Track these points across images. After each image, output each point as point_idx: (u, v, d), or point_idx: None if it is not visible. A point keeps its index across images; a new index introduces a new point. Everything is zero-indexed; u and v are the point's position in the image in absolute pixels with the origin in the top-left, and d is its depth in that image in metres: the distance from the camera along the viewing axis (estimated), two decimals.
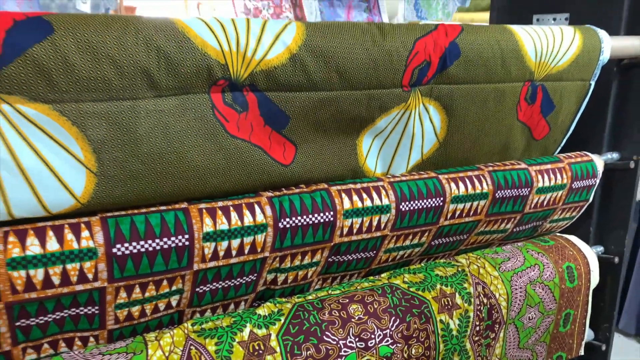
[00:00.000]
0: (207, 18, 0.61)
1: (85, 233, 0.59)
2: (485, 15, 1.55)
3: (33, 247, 0.57)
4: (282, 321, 0.74)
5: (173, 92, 0.60)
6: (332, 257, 0.80)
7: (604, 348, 1.19)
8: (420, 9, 1.28)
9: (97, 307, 0.64)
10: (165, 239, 0.63)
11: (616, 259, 1.14)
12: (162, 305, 0.70)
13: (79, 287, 0.61)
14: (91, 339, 0.68)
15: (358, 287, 0.84)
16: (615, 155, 1.08)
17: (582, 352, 1.08)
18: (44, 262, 0.57)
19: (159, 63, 0.58)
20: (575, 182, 1.01)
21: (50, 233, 0.58)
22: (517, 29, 0.85)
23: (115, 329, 0.69)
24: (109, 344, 0.68)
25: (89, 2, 1.52)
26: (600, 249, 1.14)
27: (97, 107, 0.56)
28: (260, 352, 0.71)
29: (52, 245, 0.58)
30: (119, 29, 0.56)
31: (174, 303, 0.71)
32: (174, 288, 0.68)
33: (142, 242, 0.62)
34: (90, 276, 0.60)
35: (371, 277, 0.88)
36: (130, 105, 0.57)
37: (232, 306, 0.78)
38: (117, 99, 0.57)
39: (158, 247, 0.63)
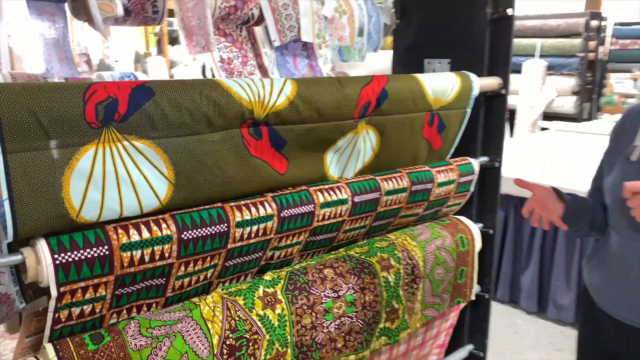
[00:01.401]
0: (238, 80, 0.94)
1: (164, 225, 0.89)
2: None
3: (134, 235, 0.85)
4: (282, 283, 1.07)
5: (220, 128, 0.92)
6: (310, 237, 1.14)
7: (487, 296, 1.65)
8: (343, 54, 1.67)
9: (164, 279, 0.93)
10: (213, 227, 0.94)
11: (490, 231, 1.61)
12: (202, 276, 1.00)
13: (160, 263, 0.89)
14: (153, 305, 0.96)
15: (327, 259, 1.19)
16: (485, 159, 1.55)
17: (473, 298, 1.52)
18: (141, 246, 0.86)
19: (214, 110, 0.89)
20: (461, 178, 1.45)
21: (142, 226, 0.87)
22: (420, 77, 1.27)
23: (169, 297, 0.97)
24: (167, 307, 0.97)
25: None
26: (480, 225, 1.59)
27: (178, 140, 0.86)
28: (272, 302, 1.03)
29: (145, 234, 0.86)
30: (192, 90, 0.87)
31: (209, 275, 1.01)
32: (212, 263, 0.98)
33: (198, 230, 0.92)
34: (167, 255, 0.89)
35: (333, 252, 1.24)
36: (197, 138, 0.88)
37: (242, 278, 1.10)
38: (190, 134, 0.87)
39: (208, 233, 0.94)
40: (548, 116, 6.43)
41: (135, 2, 1.13)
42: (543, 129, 5.84)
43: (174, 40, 8.47)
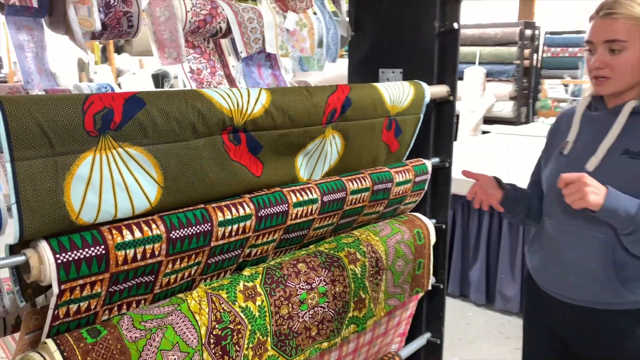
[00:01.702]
0: (219, 90, 1.02)
1: (154, 225, 0.96)
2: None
3: (127, 235, 0.92)
4: (260, 277, 1.16)
5: (204, 135, 1.00)
6: (284, 235, 1.23)
7: (442, 287, 1.79)
8: (303, 64, 1.77)
9: (153, 276, 1.00)
10: (197, 226, 1.01)
11: (443, 226, 1.75)
12: (187, 273, 1.07)
13: (150, 261, 0.96)
14: (142, 302, 1.03)
15: (299, 254, 1.29)
16: (437, 160, 1.69)
17: (430, 288, 1.65)
18: (134, 245, 0.92)
19: (198, 118, 0.97)
20: (417, 178, 1.58)
21: (134, 227, 0.93)
22: (379, 86, 1.39)
23: (157, 293, 1.04)
24: (156, 303, 1.03)
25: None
26: (434, 220, 1.73)
27: (167, 146, 0.94)
28: (252, 295, 1.12)
29: (137, 234, 0.93)
30: (179, 100, 0.94)
31: (193, 272, 1.08)
32: (197, 260, 1.06)
33: (184, 229, 1.00)
34: (156, 253, 0.96)
35: (304, 248, 1.33)
36: (183, 144, 0.96)
37: (222, 275, 1.17)
38: (177, 141, 0.95)
39: (193, 232, 1.01)
40: (488, 120, 6.79)
41: (112, 17, 1.19)
42: (484, 132, 6.16)
43: (119, 49, 8.34)
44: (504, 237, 3.03)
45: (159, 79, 6.66)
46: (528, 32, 7.26)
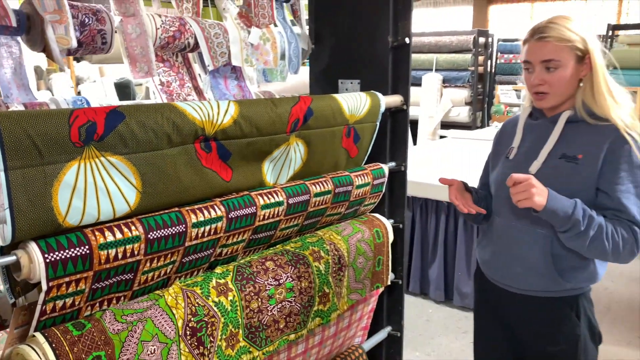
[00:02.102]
0: (191, 103, 1.12)
1: (133, 227, 1.04)
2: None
3: (109, 236, 1.00)
4: (231, 275, 1.26)
5: (178, 144, 1.09)
6: (252, 235, 1.33)
7: (400, 282, 1.92)
8: (267, 75, 1.88)
9: (132, 274, 1.08)
10: (173, 228, 1.10)
11: (400, 226, 1.88)
12: (162, 272, 1.15)
13: (130, 259, 1.04)
14: (122, 298, 1.11)
15: (267, 253, 1.39)
16: (393, 164, 1.82)
17: (389, 283, 1.78)
18: (115, 244, 1.01)
19: (173, 129, 1.07)
20: (375, 181, 1.71)
21: (115, 229, 1.02)
22: (338, 97, 1.51)
23: (135, 290, 1.12)
24: (135, 299, 1.12)
25: None
26: (392, 220, 1.86)
27: (145, 155, 1.03)
28: (225, 290, 1.21)
29: (118, 235, 1.02)
30: (155, 113, 1.04)
31: (168, 270, 1.17)
32: (172, 259, 1.15)
33: (160, 230, 1.08)
34: (136, 252, 1.05)
35: (272, 248, 1.44)
36: (159, 153, 1.05)
37: (195, 273, 1.26)
38: (154, 150, 1.04)
39: (169, 233, 1.10)
40: (446, 125, 7.04)
41: (87, 35, 1.27)
42: (442, 137, 6.40)
43: (79, 57, 8.21)
44: (460, 237, 3.21)
45: (122, 88, 6.63)
46: (482, 39, 7.58)
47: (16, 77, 1.21)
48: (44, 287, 0.91)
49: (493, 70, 8.67)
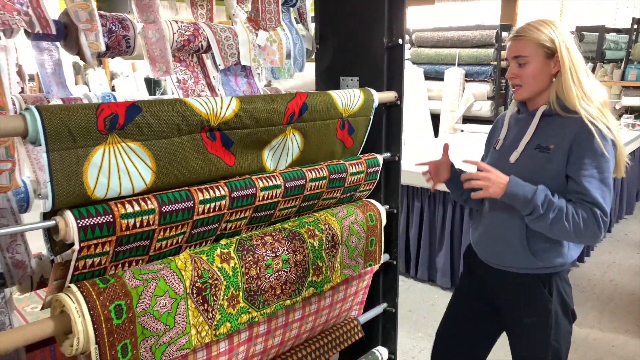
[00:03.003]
0: (199, 99, 1.33)
1: (149, 201, 1.25)
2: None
3: (129, 208, 1.22)
4: (234, 246, 1.46)
5: (186, 133, 1.30)
6: (254, 214, 1.54)
7: (395, 263, 2.10)
8: (275, 73, 2.08)
9: (148, 241, 1.30)
10: (182, 203, 1.32)
11: (395, 211, 2.06)
12: (175, 240, 1.37)
13: (146, 228, 1.26)
14: (140, 261, 1.33)
15: (266, 230, 1.59)
16: (388, 154, 2.00)
17: (382, 262, 1.96)
18: (134, 215, 1.22)
19: (182, 120, 1.28)
20: (369, 169, 1.89)
21: (134, 202, 1.23)
22: (332, 93, 1.70)
23: (152, 255, 1.34)
24: (150, 263, 1.33)
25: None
26: (387, 206, 2.04)
27: (159, 142, 1.24)
28: (227, 258, 1.42)
29: (136, 207, 1.23)
30: (167, 106, 1.25)
31: (179, 239, 1.38)
32: (182, 230, 1.36)
33: (172, 205, 1.30)
34: (151, 222, 1.26)
35: (271, 226, 1.64)
36: (171, 140, 1.26)
37: (203, 243, 1.47)
38: (166, 138, 1.25)
39: (179, 207, 1.31)
40: (468, 119, 7.13)
41: (114, 40, 1.49)
42: (461, 131, 6.50)
43: None
44: (466, 226, 3.35)
45: (151, 83, 6.96)
46: (505, 34, 7.60)
47: (56, 76, 1.45)
48: (77, 247, 1.13)
49: None
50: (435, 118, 7.23)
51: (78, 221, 1.12)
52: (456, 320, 1.84)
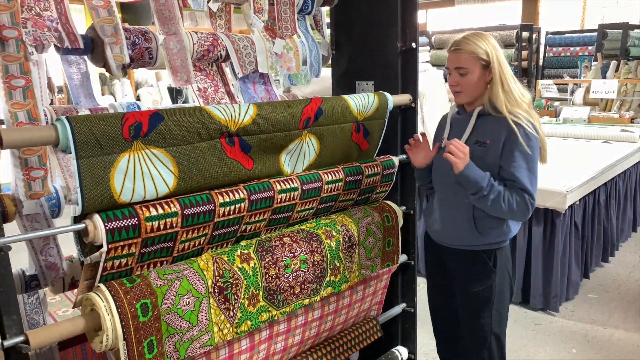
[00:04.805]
0: (218, 106, 1.39)
1: (172, 205, 1.32)
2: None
3: (153, 211, 1.28)
4: (254, 247, 1.52)
5: (207, 139, 1.37)
6: (272, 215, 1.59)
7: (412, 263, 2.13)
8: (292, 79, 2.14)
9: (172, 242, 1.36)
10: (204, 206, 1.38)
11: (412, 212, 2.09)
12: (197, 242, 1.43)
13: (170, 230, 1.32)
14: (164, 262, 1.39)
15: (285, 231, 1.64)
16: (404, 156, 2.03)
17: (399, 262, 2.00)
18: (158, 218, 1.29)
19: (202, 127, 1.34)
20: (385, 171, 1.93)
21: (158, 205, 1.30)
22: (347, 97, 1.75)
23: (175, 256, 1.40)
24: (173, 264, 1.40)
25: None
26: (404, 207, 2.08)
27: (180, 148, 1.31)
28: (247, 259, 1.48)
29: (160, 210, 1.30)
30: (188, 114, 1.31)
31: (201, 241, 1.44)
32: (204, 232, 1.42)
33: (194, 208, 1.36)
34: (174, 225, 1.33)
35: (289, 227, 1.69)
36: (192, 146, 1.33)
37: (224, 245, 1.53)
38: (187, 144, 1.32)
39: (200, 210, 1.37)
40: None
41: (137, 52, 1.57)
42: None
43: None
44: None
45: (174, 92, 7.11)
46: (525, 34, 7.54)
47: (83, 88, 1.53)
48: (105, 248, 1.20)
49: (541, 64, 8.59)
50: None
51: (106, 224, 1.19)
52: (432, 299, 2.05)
